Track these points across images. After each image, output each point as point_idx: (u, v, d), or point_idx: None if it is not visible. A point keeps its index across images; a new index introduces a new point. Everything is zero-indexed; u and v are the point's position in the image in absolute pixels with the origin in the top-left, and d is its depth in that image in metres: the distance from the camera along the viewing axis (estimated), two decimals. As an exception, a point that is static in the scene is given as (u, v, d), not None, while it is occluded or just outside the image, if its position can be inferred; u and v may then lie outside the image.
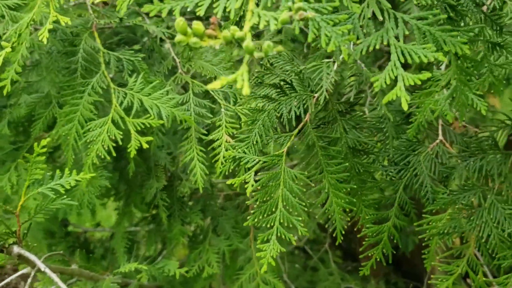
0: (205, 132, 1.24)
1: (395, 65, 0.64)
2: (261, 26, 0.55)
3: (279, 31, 1.53)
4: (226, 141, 1.21)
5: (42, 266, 0.89)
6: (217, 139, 1.22)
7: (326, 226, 1.07)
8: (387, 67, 0.65)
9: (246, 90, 0.50)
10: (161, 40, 1.35)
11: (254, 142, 1.01)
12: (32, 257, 0.90)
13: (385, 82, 0.64)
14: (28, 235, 1.97)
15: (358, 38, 0.67)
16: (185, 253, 2.41)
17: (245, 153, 1.00)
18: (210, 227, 1.88)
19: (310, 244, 2.72)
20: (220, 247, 1.82)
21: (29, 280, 0.90)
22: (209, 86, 0.51)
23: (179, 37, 0.53)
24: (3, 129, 1.48)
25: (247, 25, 0.54)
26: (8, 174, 1.46)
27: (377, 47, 0.65)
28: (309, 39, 0.59)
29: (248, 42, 0.52)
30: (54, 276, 0.88)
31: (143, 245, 2.10)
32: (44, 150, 0.91)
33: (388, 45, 0.67)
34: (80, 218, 3.21)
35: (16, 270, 0.94)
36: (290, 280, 2.29)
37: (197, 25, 0.53)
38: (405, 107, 0.62)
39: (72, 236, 2.28)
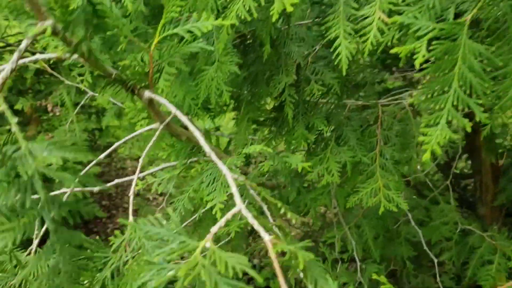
0: (356, 6, 1.02)
1: None
2: None
3: None
4: (379, 18, 0.98)
5: (176, 111, 0.74)
6: (368, 17, 1.00)
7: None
8: None
9: None
10: None
11: (430, 6, 0.77)
12: (163, 100, 0.76)
13: None
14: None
15: None
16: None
17: (416, 19, 0.77)
18: (333, 136, 1.70)
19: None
20: (342, 156, 1.64)
21: (157, 133, 0.79)
22: None
23: None
24: (139, 6, 1.38)
25: None
26: (140, 54, 1.37)
27: None
28: None
29: None
30: (184, 119, 0.72)
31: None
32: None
33: None
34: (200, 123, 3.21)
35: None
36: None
37: None
38: None
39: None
